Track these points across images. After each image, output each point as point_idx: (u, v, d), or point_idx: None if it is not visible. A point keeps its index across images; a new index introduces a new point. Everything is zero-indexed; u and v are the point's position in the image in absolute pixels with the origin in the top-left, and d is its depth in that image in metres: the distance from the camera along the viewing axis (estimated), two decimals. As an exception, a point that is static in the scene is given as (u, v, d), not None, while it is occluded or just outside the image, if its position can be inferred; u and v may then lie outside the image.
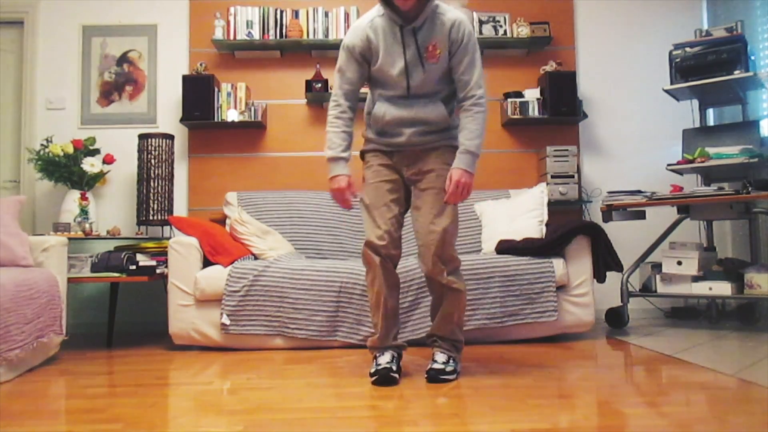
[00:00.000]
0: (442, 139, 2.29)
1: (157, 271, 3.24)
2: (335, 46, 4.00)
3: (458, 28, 2.21)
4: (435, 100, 2.28)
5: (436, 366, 2.24)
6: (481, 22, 4.02)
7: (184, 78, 3.82)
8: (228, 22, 3.93)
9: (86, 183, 3.67)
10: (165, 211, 3.69)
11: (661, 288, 3.48)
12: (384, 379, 2.18)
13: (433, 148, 2.28)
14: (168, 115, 4.05)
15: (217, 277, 3.02)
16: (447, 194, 2.18)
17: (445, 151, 2.29)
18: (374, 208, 2.28)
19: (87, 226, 3.47)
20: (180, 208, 3.99)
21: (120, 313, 3.58)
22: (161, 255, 3.36)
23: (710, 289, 3.29)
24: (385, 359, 2.23)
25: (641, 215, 3.67)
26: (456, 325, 2.32)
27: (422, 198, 2.27)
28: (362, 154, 2.41)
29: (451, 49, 2.22)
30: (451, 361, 2.28)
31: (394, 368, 2.20)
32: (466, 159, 2.19)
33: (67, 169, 3.64)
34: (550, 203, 3.63)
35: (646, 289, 3.58)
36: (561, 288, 3.08)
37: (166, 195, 3.71)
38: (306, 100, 4.05)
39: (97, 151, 3.76)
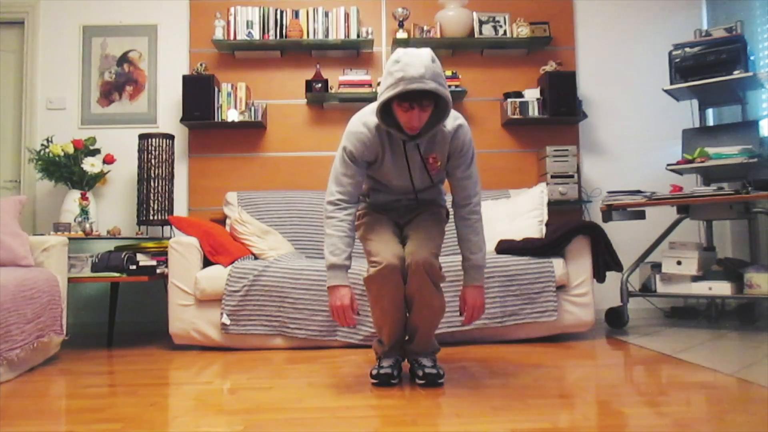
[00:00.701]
0: (433, 204, 2.37)
1: (157, 271, 3.24)
2: (335, 46, 4.01)
3: (458, 137, 2.16)
4: (437, 193, 2.39)
5: (428, 370, 2.18)
6: (481, 22, 4.02)
7: (185, 78, 3.82)
8: (228, 22, 3.93)
9: (86, 183, 3.67)
10: (165, 211, 3.69)
11: (660, 288, 3.48)
12: (383, 384, 2.19)
13: (424, 205, 2.35)
14: (168, 115, 4.05)
15: (217, 276, 3.02)
16: (465, 318, 2.24)
17: (434, 204, 2.38)
18: (378, 234, 2.23)
19: (87, 226, 3.47)
20: (180, 208, 3.99)
21: (120, 313, 3.58)
22: (161, 255, 3.37)
23: (710, 288, 3.29)
24: (387, 362, 2.23)
25: (641, 215, 3.67)
26: (432, 337, 2.28)
27: (414, 228, 2.26)
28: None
29: (450, 155, 2.20)
30: (437, 364, 2.26)
31: (395, 374, 2.20)
32: (476, 274, 2.23)
33: (67, 169, 3.64)
34: (550, 203, 3.63)
35: (646, 289, 3.58)
36: (561, 288, 3.08)
37: (166, 195, 3.71)
38: (306, 100, 4.05)
39: (97, 151, 3.76)
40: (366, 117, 2.15)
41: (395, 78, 1.94)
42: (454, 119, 2.17)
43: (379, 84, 2.89)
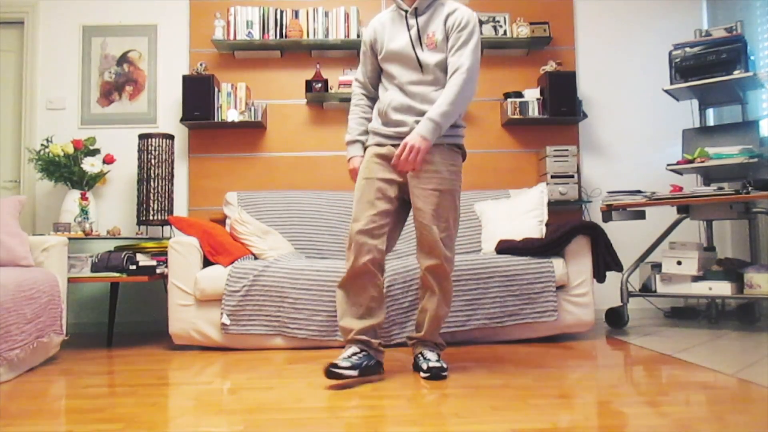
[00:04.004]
0: (444, 135, 2.25)
1: (157, 271, 3.24)
2: (335, 46, 4.01)
3: (456, 15, 2.29)
4: (439, 90, 2.28)
5: (433, 364, 2.25)
6: (481, 22, 4.02)
7: (184, 78, 3.82)
8: (228, 22, 3.93)
9: (86, 183, 3.67)
10: (165, 211, 3.69)
11: (660, 288, 3.48)
12: (329, 375, 2.15)
13: (435, 144, 2.24)
14: (168, 115, 4.05)
15: (217, 277, 3.02)
16: (395, 158, 2.20)
17: (448, 150, 2.30)
18: (358, 202, 2.32)
19: (87, 226, 3.47)
20: (180, 208, 3.99)
21: (120, 313, 3.58)
22: (161, 255, 3.36)
23: (710, 289, 3.29)
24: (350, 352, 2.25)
25: (641, 215, 3.67)
26: (439, 329, 2.39)
27: (424, 200, 2.26)
28: (365, 147, 2.44)
29: (448, 35, 2.28)
30: (440, 358, 2.32)
31: (343, 364, 2.16)
32: (425, 125, 2.19)
33: (67, 169, 3.64)
34: (550, 203, 3.63)
35: (646, 289, 3.58)
36: (561, 288, 3.08)
37: (166, 195, 3.71)
38: (306, 100, 4.05)
39: (97, 151, 3.76)
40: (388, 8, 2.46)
41: None
42: (458, 5, 2.33)
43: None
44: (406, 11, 2.33)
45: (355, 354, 2.23)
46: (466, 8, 2.33)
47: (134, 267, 3.21)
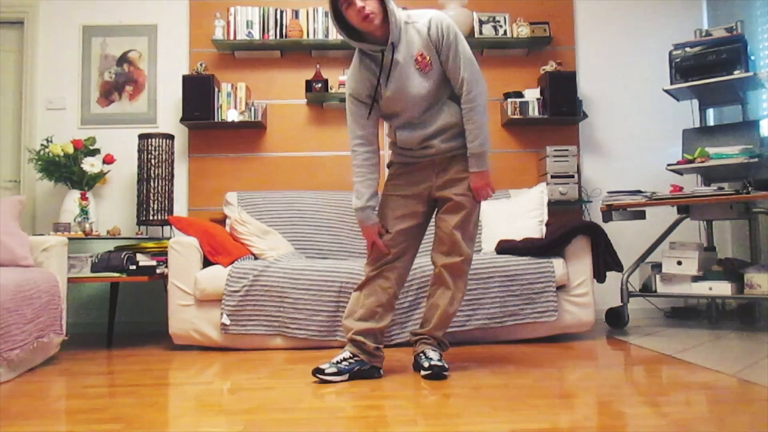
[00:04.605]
0: (463, 145, 2.29)
1: (157, 271, 3.24)
2: (335, 46, 4.01)
3: (435, 27, 2.19)
4: (445, 101, 2.28)
5: (434, 363, 2.25)
6: (481, 22, 4.02)
7: (184, 78, 3.82)
8: (228, 22, 3.93)
9: (86, 183, 3.67)
10: (165, 211, 3.69)
11: (661, 288, 3.48)
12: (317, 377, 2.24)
13: (458, 156, 2.30)
14: (168, 115, 4.05)
15: (217, 277, 3.02)
16: (476, 199, 2.30)
17: (465, 159, 2.33)
18: (385, 217, 2.34)
19: (87, 226, 3.47)
20: (180, 208, 3.99)
21: (120, 313, 3.58)
22: (161, 255, 3.36)
23: (710, 289, 3.29)
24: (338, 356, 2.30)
25: (641, 215, 3.67)
26: (446, 327, 2.40)
27: (457, 205, 2.30)
28: (390, 163, 2.44)
29: (436, 48, 2.21)
30: (442, 357, 2.33)
31: (329, 370, 2.23)
32: (475, 161, 2.26)
33: (67, 169, 3.64)
34: (550, 203, 3.63)
35: (646, 289, 3.58)
36: (561, 288, 3.08)
37: (166, 195, 3.71)
38: (306, 100, 4.05)
39: (97, 151, 3.76)
40: (353, 62, 2.29)
41: None
42: (423, 16, 2.22)
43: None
44: (382, 50, 2.19)
45: (345, 359, 2.26)
46: (432, 12, 2.23)
47: (134, 267, 3.21)
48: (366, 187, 2.28)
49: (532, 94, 3.97)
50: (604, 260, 3.13)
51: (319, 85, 3.87)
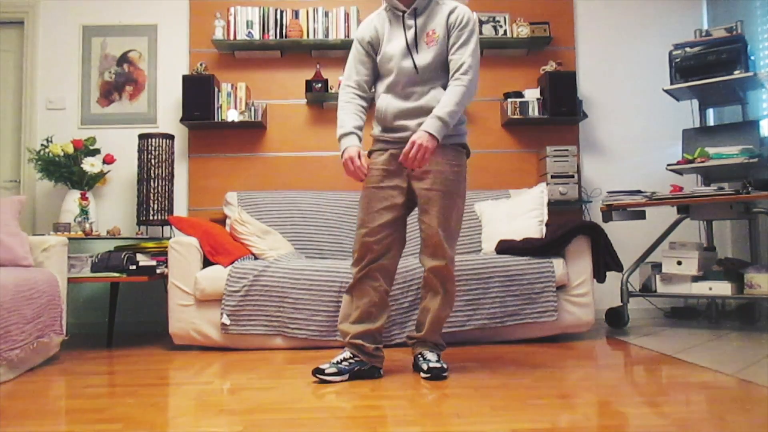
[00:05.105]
0: (447, 135, 2.23)
1: (157, 271, 3.24)
2: (335, 46, 4.01)
3: (456, 13, 2.29)
4: (436, 86, 2.28)
5: (433, 364, 2.25)
6: (481, 22, 4.02)
7: (184, 78, 3.82)
8: (228, 22, 3.92)
9: (86, 183, 3.67)
10: (165, 211, 3.69)
11: (661, 288, 3.48)
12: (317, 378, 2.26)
13: (438, 145, 2.22)
14: (168, 115, 4.05)
15: (217, 277, 3.02)
16: (402, 155, 2.19)
17: (451, 151, 2.29)
18: (364, 210, 2.32)
19: (87, 226, 3.47)
20: (180, 208, 3.99)
21: (120, 313, 3.58)
22: (161, 255, 3.36)
23: (710, 289, 3.29)
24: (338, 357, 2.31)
25: (641, 215, 3.67)
26: (440, 331, 2.40)
27: (428, 201, 2.27)
28: (369, 153, 2.42)
29: (449, 33, 2.27)
30: (440, 358, 2.33)
31: (329, 370, 2.24)
32: (432, 123, 2.18)
33: (67, 169, 3.64)
34: (550, 203, 3.63)
35: (646, 289, 3.58)
36: (561, 288, 3.08)
37: (166, 195, 3.71)
38: (306, 100, 4.05)
39: (97, 151, 3.76)
40: (378, 10, 2.41)
41: None
42: (453, 3, 2.32)
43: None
44: (404, 12, 2.30)
45: (345, 360, 2.27)
46: (466, 7, 2.33)
47: (134, 267, 3.21)
48: (349, 117, 2.32)
49: (532, 94, 3.97)
50: (604, 260, 3.13)
51: (319, 85, 3.87)
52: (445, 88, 2.28)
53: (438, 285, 2.31)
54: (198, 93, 3.79)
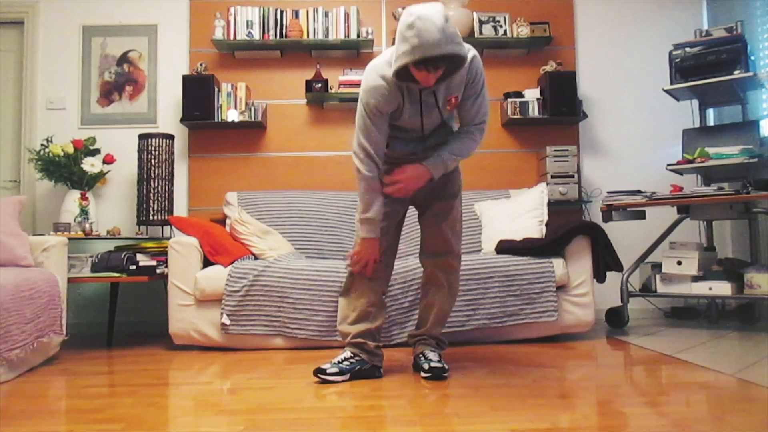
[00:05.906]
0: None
1: (157, 271, 3.24)
2: (335, 46, 4.01)
3: (471, 70, 2.15)
4: (447, 131, 2.32)
5: (434, 364, 2.25)
6: (481, 22, 4.02)
7: (184, 78, 3.82)
8: (228, 22, 3.93)
9: (86, 183, 3.67)
10: (165, 211, 3.69)
11: (661, 288, 3.48)
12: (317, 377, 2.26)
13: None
14: (168, 115, 4.05)
15: (217, 277, 3.02)
16: (396, 174, 2.20)
17: (456, 177, 2.35)
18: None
19: (87, 226, 3.47)
20: (180, 208, 3.99)
21: (120, 313, 3.58)
22: (161, 255, 3.36)
23: (710, 289, 3.29)
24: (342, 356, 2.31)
25: (641, 215, 3.67)
26: (443, 325, 2.42)
27: (440, 206, 2.32)
28: None
29: (465, 86, 2.19)
30: (441, 358, 2.33)
31: (330, 370, 2.23)
32: (435, 162, 2.20)
33: (67, 169, 3.64)
34: (550, 203, 3.63)
35: (646, 289, 3.58)
36: (561, 288, 3.08)
37: (166, 195, 3.71)
38: (306, 100, 4.05)
39: (97, 151, 3.76)
40: (382, 70, 2.11)
41: (411, 45, 1.91)
42: (467, 50, 2.10)
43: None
44: (422, 89, 2.14)
45: (346, 359, 2.27)
46: (473, 51, 2.16)
47: (134, 267, 3.21)
48: (380, 204, 2.19)
49: (532, 94, 3.97)
50: (604, 260, 3.13)
51: (319, 85, 3.87)
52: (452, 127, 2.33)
53: (443, 279, 2.35)
54: (198, 93, 3.79)
